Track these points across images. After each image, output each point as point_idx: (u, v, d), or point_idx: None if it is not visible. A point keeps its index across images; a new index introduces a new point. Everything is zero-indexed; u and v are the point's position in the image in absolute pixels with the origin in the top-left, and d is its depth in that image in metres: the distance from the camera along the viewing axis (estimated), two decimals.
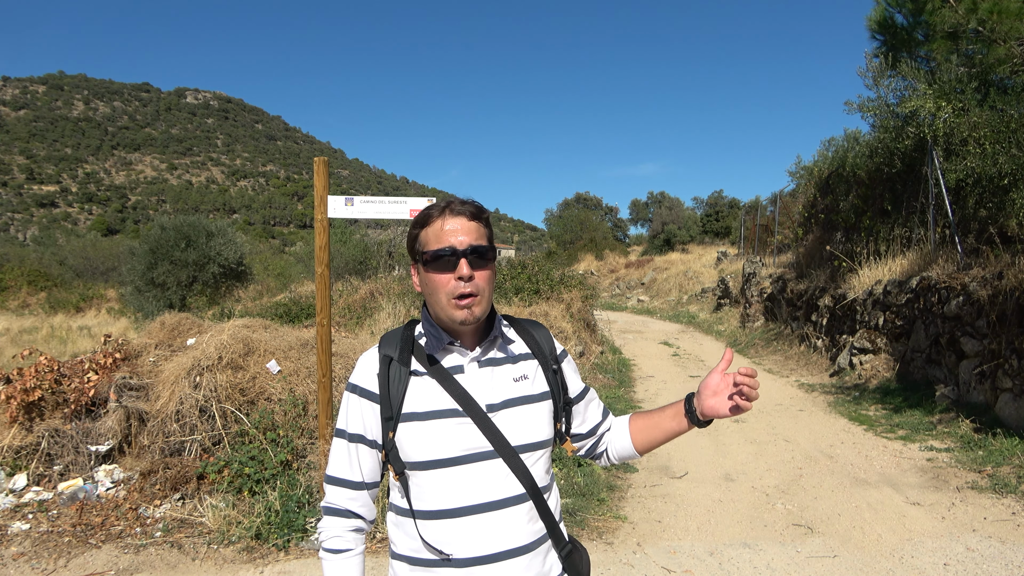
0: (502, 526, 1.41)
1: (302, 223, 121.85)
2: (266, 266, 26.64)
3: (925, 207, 9.27)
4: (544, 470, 1.49)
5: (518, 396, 1.46)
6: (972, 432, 6.30)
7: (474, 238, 1.43)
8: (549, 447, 1.52)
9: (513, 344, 1.53)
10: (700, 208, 43.42)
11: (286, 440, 4.88)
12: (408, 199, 4.31)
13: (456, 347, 1.47)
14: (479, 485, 1.40)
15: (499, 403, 1.44)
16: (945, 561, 3.91)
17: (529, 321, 1.61)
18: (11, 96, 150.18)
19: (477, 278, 1.41)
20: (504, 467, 1.41)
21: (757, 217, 21.35)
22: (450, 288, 1.40)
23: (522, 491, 1.43)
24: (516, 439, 1.43)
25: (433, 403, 1.41)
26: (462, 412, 1.40)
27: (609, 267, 33.76)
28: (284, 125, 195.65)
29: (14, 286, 28.32)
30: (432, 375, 1.43)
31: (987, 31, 7.84)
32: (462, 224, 1.43)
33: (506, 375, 1.48)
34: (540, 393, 1.50)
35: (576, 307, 11.17)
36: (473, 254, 1.41)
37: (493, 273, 1.47)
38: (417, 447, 1.40)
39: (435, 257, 1.41)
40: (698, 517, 4.65)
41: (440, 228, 1.43)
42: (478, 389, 1.44)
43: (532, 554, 1.44)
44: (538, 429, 1.47)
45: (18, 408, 5.00)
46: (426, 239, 1.45)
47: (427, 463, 1.40)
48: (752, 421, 7.39)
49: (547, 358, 1.55)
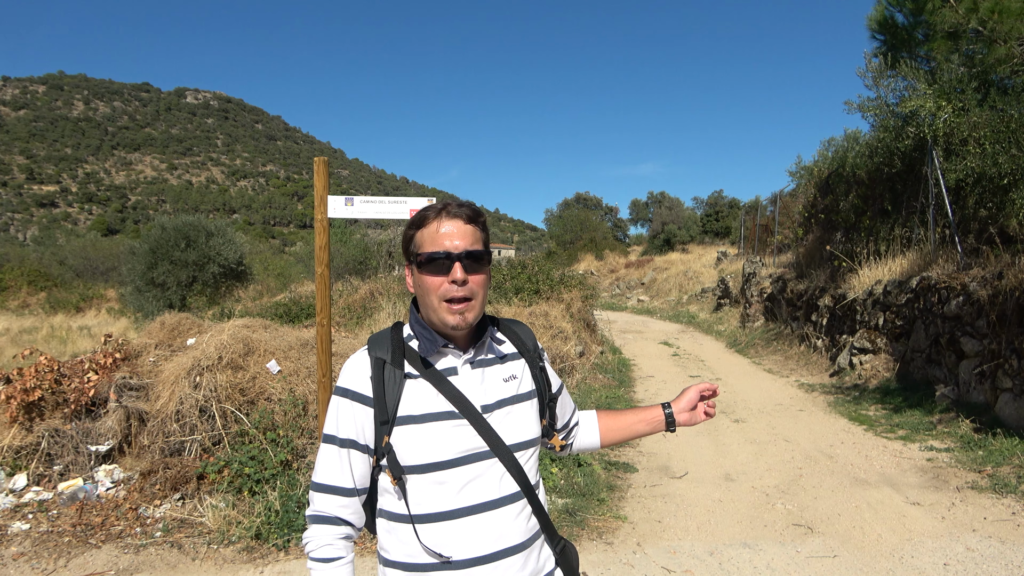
0: (499, 525, 1.42)
1: (302, 223, 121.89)
2: (266, 266, 26.63)
3: (925, 207, 9.27)
4: (535, 468, 1.52)
5: (509, 396, 1.48)
6: (972, 432, 6.30)
7: (469, 242, 1.42)
8: (538, 444, 1.55)
9: (501, 344, 1.54)
10: (700, 208, 43.43)
11: (286, 440, 4.88)
12: (408, 199, 4.31)
13: (450, 349, 1.46)
14: (477, 486, 1.41)
15: (493, 403, 1.45)
16: (945, 561, 3.91)
17: (511, 320, 1.62)
18: (11, 96, 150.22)
19: (471, 282, 1.41)
20: (500, 467, 1.43)
21: (757, 217, 21.35)
22: (442, 291, 1.40)
23: (517, 489, 1.44)
24: (510, 438, 1.44)
25: (429, 406, 1.40)
26: (458, 414, 1.40)
27: (609, 267, 33.76)
28: (284, 125, 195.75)
29: (14, 286, 28.33)
30: (426, 378, 1.42)
31: (987, 31, 7.84)
32: (458, 227, 1.42)
33: (496, 375, 1.49)
34: (528, 392, 1.53)
35: (576, 307, 11.17)
36: (468, 258, 1.40)
37: (488, 277, 1.47)
38: (414, 450, 1.38)
39: (429, 260, 1.41)
40: (698, 517, 4.65)
41: (436, 230, 1.42)
42: (472, 390, 1.44)
43: (527, 552, 1.45)
44: (529, 427, 1.50)
45: (18, 408, 5.00)
46: (421, 241, 1.44)
47: (425, 466, 1.38)
48: (752, 421, 7.39)
49: (532, 356, 1.56)
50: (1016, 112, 7.76)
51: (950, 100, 8.52)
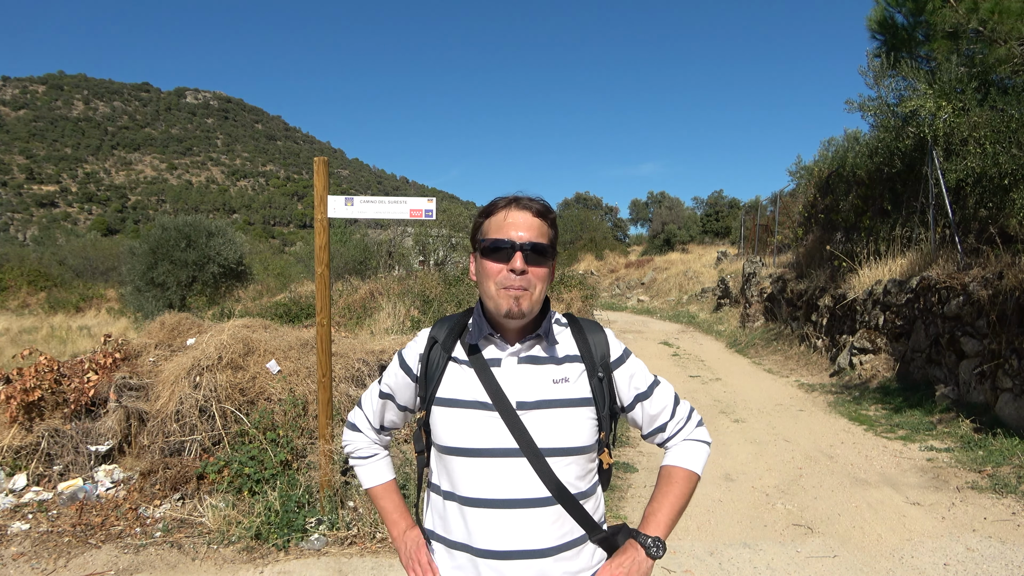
0: (521, 525, 1.39)
1: (302, 223, 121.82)
2: (266, 266, 26.62)
3: (925, 207, 9.27)
4: (577, 475, 1.44)
5: (554, 398, 1.43)
6: (972, 432, 6.30)
7: (535, 235, 1.42)
8: (586, 453, 1.46)
9: (560, 345, 1.50)
10: (700, 208, 43.44)
11: (286, 440, 4.87)
12: (408, 199, 4.30)
13: (495, 339, 1.47)
14: (500, 481, 1.40)
15: (532, 402, 1.42)
16: (945, 561, 3.90)
17: (589, 322, 1.56)
18: (11, 96, 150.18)
19: (531, 274, 1.41)
20: (528, 467, 1.39)
21: (757, 217, 21.35)
22: (501, 278, 1.41)
23: (547, 494, 1.39)
24: (544, 441, 1.40)
25: (464, 392, 1.43)
26: (491, 406, 1.40)
27: (609, 267, 33.76)
28: (284, 125, 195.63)
29: (14, 286, 28.31)
30: (471, 364, 1.45)
31: (987, 31, 7.84)
32: (525, 219, 1.43)
33: (546, 375, 1.45)
34: (581, 398, 1.45)
35: (576, 307, 11.16)
36: (531, 250, 1.41)
37: (550, 273, 1.46)
38: (445, 431, 1.44)
39: (493, 246, 1.42)
40: (698, 517, 4.65)
41: (503, 219, 1.44)
42: (512, 385, 1.42)
43: (556, 558, 1.41)
44: (572, 434, 1.43)
45: (18, 408, 5.00)
46: (487, 229, 1.46)
47: (452, 449, 1.43)
48: (752, 421, 7.39)
49: (595, 364, 1.49)
50: (1016, 112, 7.76)
51: (950, 100, 8.52)
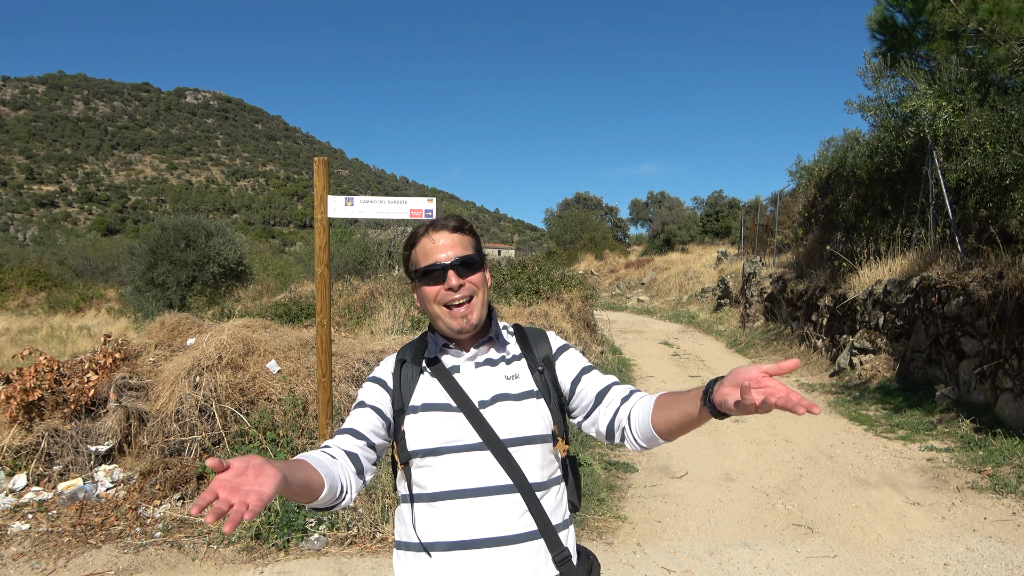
0: (486, 513, 1.45)
1: (302, 223, 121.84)
2: (266, 266, 26.58)
3: (925, 207, 9.27)
4: (537, 465, 1.51)
5: (507, 392, 1.55)
6: (972, 432, 6.30)
7: (459, 250, 1.55)
8: (543, 443, 1.53)
9: (509, 345, 1.65)
10: (700, 208, 43.38)
11: (286, 440, 4.88)
12: (408, 199, 4.30)
13: (451, 349, 1.60)
14: (466, 473, 1.47)
15: (490, 399, 1.53)
16: (945, 561, 3.90)
17: (532, 329, 1.72)
18: (11, 96, 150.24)
19: (468, 283, 1.54)
20: (492, 458, 1.48)
21: (757, 217, 21.35)
22: (440, 297, 1.53)
23: (509, 482, 1.47)
24: (505, 432, 1.49)
25: (431, 397, 1.54)
26: (455, 407, 1.51)
27: (609, 267, 33.76)
28: (284, 125, 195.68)
29: (14, 286, 28.30)
30: (434, 374, 1.57)
31: (987, 31, 7.84)
32: (447, 238, 1.55)
33: (499, 373, 1.58)
34: (529, 391, 1.57)
35: (576, 307, 11.17)
36: (461, 264, 1.53)
37: (484, 277, 1.59)
38: (415, 436, 1.51)
39: (425, 272, 1.54)
40: (698, 517, 4.65)
41: (427, 246, 1.56)
42: (472, 386, 1.55)
43: (519, 546, 1.45)
44: (527, 424, 1.52)
45: (18, 408, 5.00)
46: (416, 258, 1.58)
47: (422, 451, 1.50)
48: (752, 421, 7.39)
49: (536, 360, 1.63)
50: (1016, 112, 7.76)
51: (950, 100, 8.52)
